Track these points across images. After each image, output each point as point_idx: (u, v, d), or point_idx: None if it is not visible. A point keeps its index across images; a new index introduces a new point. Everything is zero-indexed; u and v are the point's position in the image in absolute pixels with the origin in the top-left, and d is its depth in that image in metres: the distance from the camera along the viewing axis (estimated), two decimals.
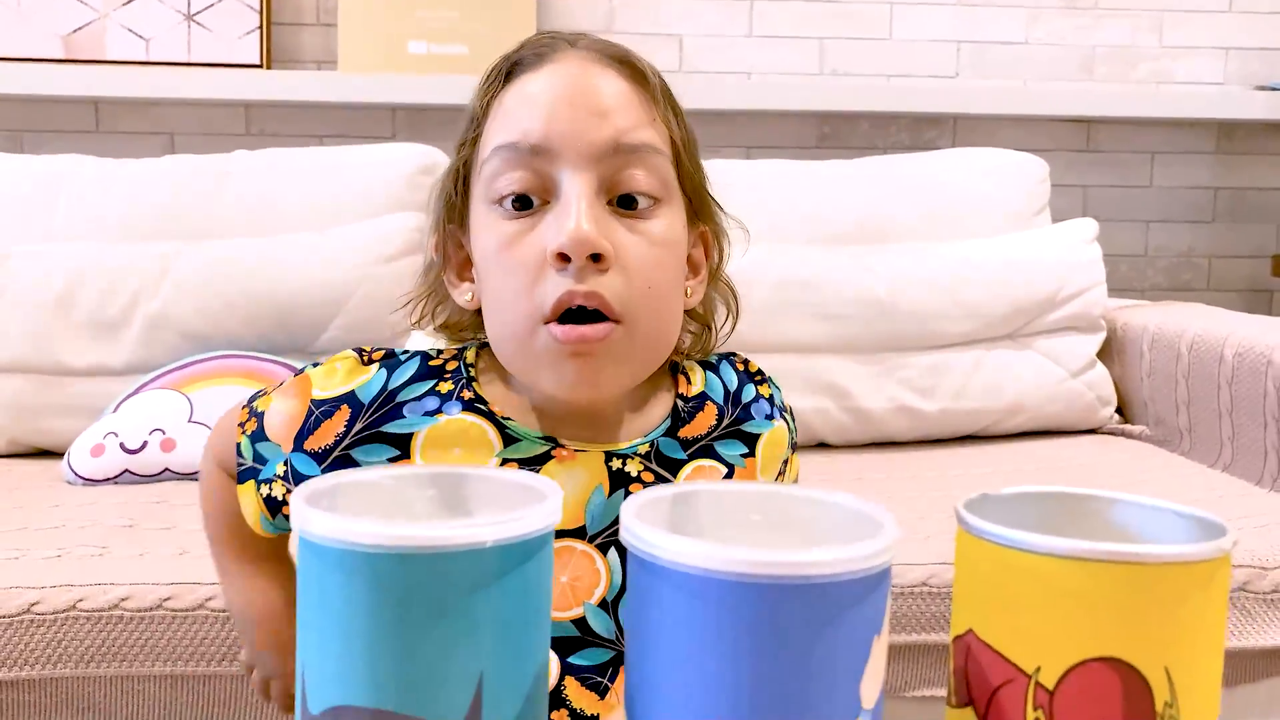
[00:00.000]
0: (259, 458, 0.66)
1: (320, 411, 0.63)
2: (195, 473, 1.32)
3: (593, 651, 0.62)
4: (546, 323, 0.58)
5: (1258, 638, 1.10)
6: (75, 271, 1.44)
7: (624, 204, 0.60)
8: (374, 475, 0.33)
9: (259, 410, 0.67)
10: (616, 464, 0.63)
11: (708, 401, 0.67)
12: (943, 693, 1.07)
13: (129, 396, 1.39)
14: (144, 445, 1.31)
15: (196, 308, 1.44)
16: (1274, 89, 2.06)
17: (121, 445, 1.31)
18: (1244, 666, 1.12)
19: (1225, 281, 2.18)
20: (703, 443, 0.66)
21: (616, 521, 0.60)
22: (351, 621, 0.28)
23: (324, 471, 0.63)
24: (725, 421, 0.67)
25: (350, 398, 0.63)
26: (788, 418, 0.71)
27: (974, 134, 2.05)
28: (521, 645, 0.30)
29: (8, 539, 1.09)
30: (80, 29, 1.85)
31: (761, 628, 0.27)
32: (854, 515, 0.30)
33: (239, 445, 0.67)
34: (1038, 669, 0.30)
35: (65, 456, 1.33)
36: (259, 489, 0.66)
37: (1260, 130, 2.13)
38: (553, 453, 0.62)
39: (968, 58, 2.07)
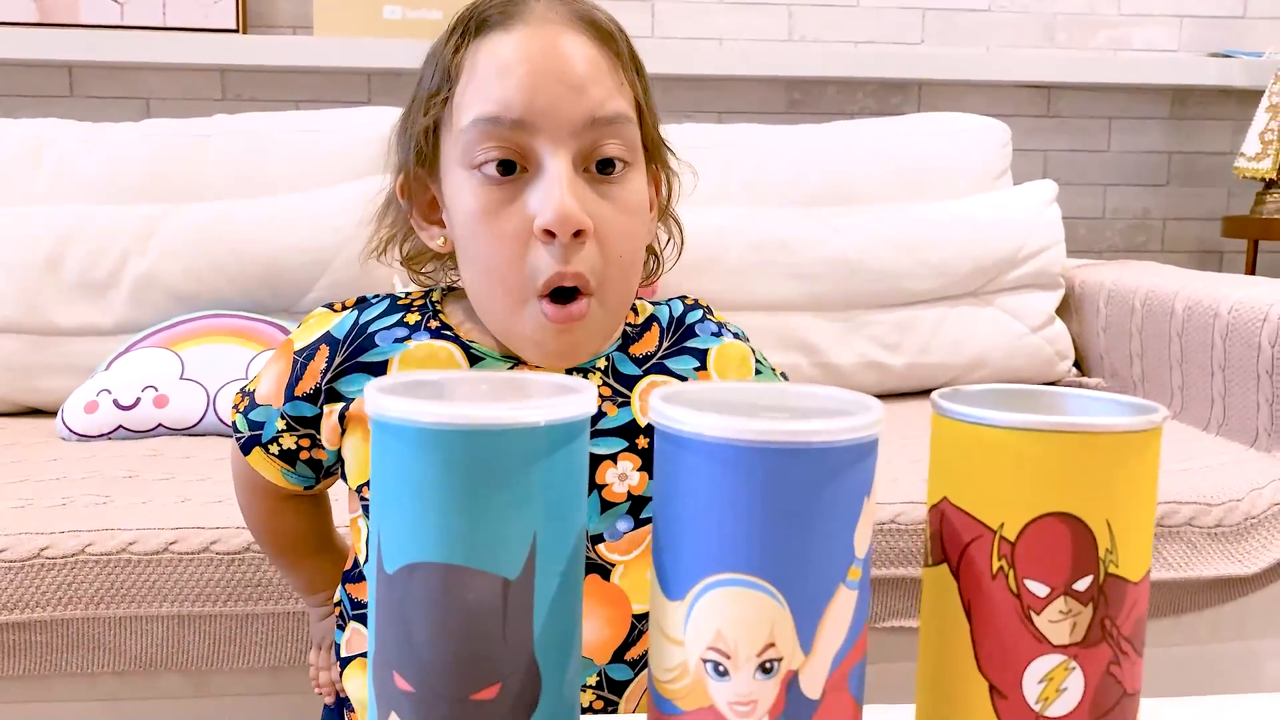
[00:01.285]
0: (254, 426, 0.72)
1: (303, 358, 0.69)
2: (188, 427, 1.36)
3: None
4: (540, 297, 0.63)
5: (1202, 569, 1.17)
6: (62, 233, 1.46)
7: (601, 168, 0.64)
8: (439, 375, 0.38)
9: (249, 390, 0.72)
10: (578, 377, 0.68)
11: (654, 323, 0.73)
12: (912, 623, 1.14)
13: (120, 355, 1.42)
14: (137, 401, 1.35)
15: (184, 268, 1.47)
16: (1226, 56, 2.13)
17: (115, 402, 1.34)
18: (1190, 596, 1.20)
19: (1179, 243, 2.27)
20: (654, 360, 0.71)
21: None
22: (423, 491, 0.33)
23: (320, 408, 0.68)
24: (670, 340, 0.72)
25: (327, 337, 0.69)
26: (749, 345, 0.75)
27: (939, 99, 2.11)
28: (566, 511, 0.35)
29: (12, 490, 1.12)
30: None
31: (770, 487, 0.32)
32: (847, 400, 0.36)
33: (234, 424, 0.73)
34: (1001, 525, 0.35)
35: (59, 413, 1.36)
36: (267, 450, 0.72)
37: (1213, 96, 2.20)
38: (516, 370, 0.67)
39: (933, 25, 2.12)
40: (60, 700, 1.04)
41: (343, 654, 0.73)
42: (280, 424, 0.70)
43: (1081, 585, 0.35)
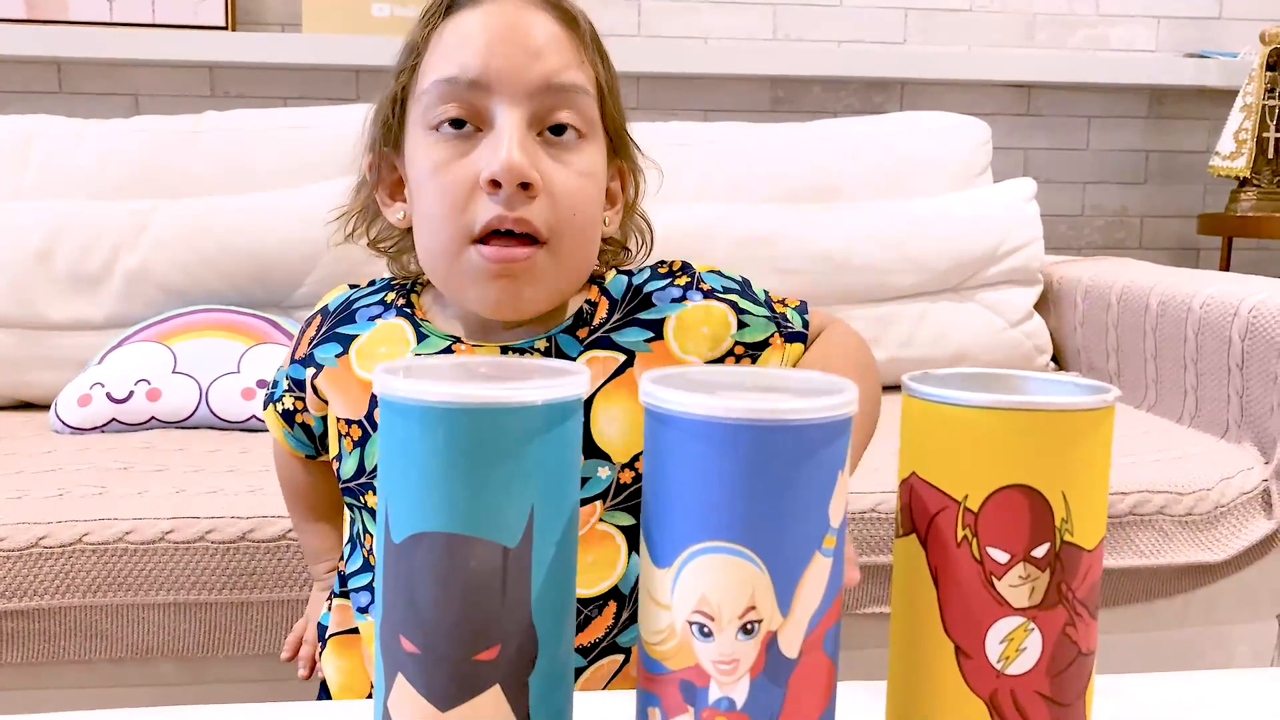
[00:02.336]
0: (274, 385, 0.78)
1: (304, 326, 0.75)
2: (181, 420, 1.37)
3: None
4: (474, 242, 0.65)
5: (1173, 556, 1.21)
6: (53, 228, 1.48)
7: (554, 132, 0.66)
8: (444, 359, 0.40)
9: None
10: (513, 356, 0.69)
11: (604, 297, 0.72)
12: (890, 609, 1.17)
13: (112, 349, 1.43)
14: (130, 395, 1.36)
15: (175, 263, 1.49)
16: (1203, 56, 2.17)
17: (108, 395, 1.36)
18: (1161, 583, 1.23)
19: (1156, 240, 2.31)
20: (598, 334, 0.70)
21: None
22: (428, 465, 0.36)
23: (306, 373, 0.73)
24: (621, 312, 0.70)
25: (323, 309, 0.75)
26: (733, 299, 0.72)
27: (921, 98, 2.14)
28: (561, 485, 0.37)
29: (8, 481, 1.14)
30: None
31: (751, 462, 0.35)
32: (824, 382, 0.38)
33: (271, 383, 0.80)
34: (965, 496, 0.38)
35: (52, 406, 1.38)
36: (275, 409, 0.77)
37: (1190, 95, 2.24)
38: (452, 348, 0.69)
39: (915, 24, 2.15)
40: (58, 687, 1.06)
41: (328, 632, 0.76)
42: (285, 384, 0.76)
43: (1039, 552, 0.38)
